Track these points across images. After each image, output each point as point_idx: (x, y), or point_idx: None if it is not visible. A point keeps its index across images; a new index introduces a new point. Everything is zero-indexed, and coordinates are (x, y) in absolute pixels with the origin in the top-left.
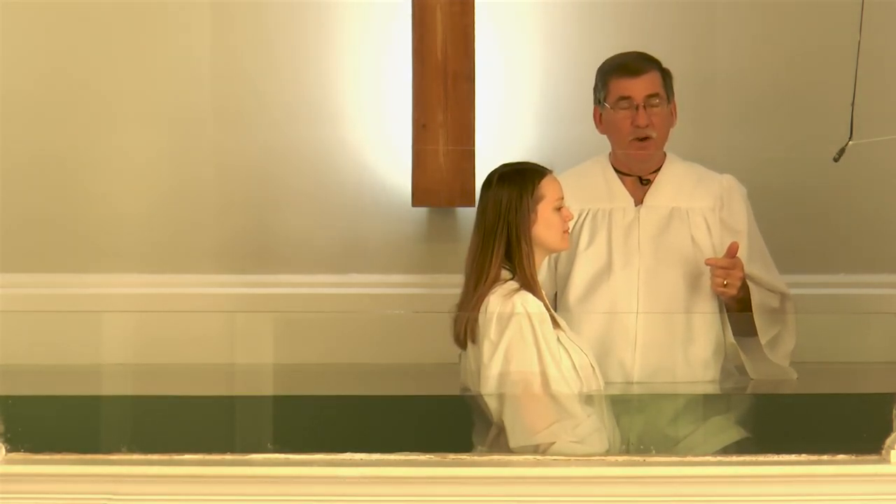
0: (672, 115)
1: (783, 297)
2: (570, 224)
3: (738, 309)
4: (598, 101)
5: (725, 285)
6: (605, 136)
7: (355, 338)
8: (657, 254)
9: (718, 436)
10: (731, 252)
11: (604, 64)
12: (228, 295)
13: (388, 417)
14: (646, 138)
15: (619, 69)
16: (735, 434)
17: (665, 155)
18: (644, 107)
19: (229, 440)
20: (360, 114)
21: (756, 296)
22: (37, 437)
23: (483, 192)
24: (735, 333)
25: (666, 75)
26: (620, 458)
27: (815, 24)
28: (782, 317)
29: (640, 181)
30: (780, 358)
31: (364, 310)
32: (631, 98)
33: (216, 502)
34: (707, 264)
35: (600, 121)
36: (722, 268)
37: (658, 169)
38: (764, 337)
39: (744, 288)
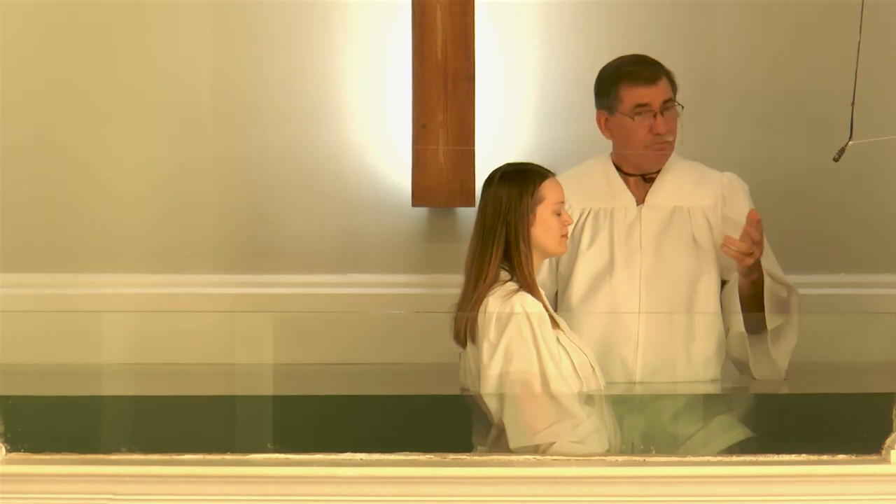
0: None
1: (790, 289)
2: (570, 228)
3: (749, 292)
4: (606, 108)
5: (750, 253)
6: (604, 136)
7: (355, 338)
8: (659, 253)
9: (719, 436)
10: (751, 220)
11: (608, 70)
12: (228, 295)
13: (388, 417)
14: (664, 143)
15: (631, 77)
16: (736, 434)
17: None
18: (661, 113)
19: (229, 440)
20: (360, 114)
21: (768, 281)
22: (37, 437)
23: (484, 190)
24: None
25: (669, 76)
26: (620, 458)
27: (815, 24)
28: (789, 308)
29: (643, 179)
30: (780, 353)
31: (364, 310)
32: (649, 105)
33: (216, 502)
34: (741, 238)
35: (606, 126)
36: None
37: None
38: (771, 322)
39: (758, 268)
